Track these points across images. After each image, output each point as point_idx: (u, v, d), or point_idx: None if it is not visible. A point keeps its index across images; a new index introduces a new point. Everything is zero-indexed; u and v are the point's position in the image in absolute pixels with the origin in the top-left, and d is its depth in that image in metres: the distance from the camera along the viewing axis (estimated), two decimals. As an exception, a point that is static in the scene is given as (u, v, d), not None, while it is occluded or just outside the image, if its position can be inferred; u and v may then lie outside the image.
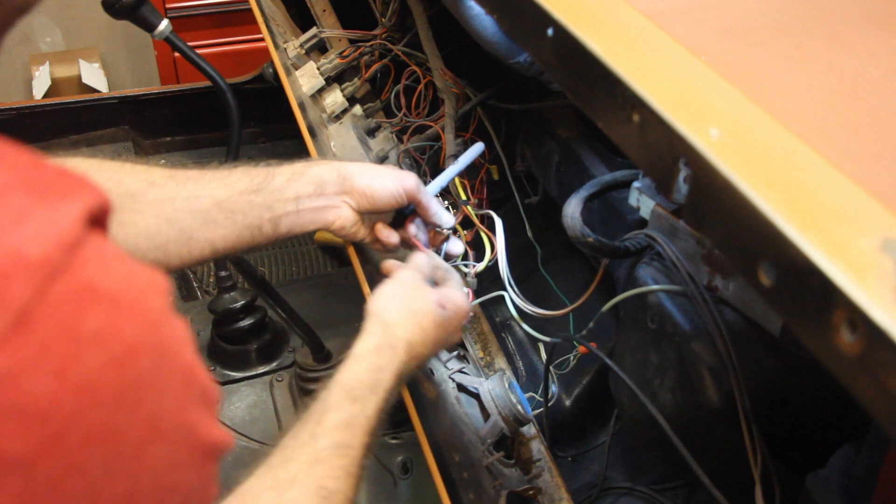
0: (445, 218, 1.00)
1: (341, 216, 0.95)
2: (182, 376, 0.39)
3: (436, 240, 1.04)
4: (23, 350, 0.31)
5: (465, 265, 1.11)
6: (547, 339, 1.05)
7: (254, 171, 0.92)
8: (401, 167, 1.27)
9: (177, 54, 2.36)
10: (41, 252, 0.32)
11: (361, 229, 0.98)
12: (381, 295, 0.85)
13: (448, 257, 1.03)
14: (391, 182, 0.95)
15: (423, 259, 0.92)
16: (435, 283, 0.92)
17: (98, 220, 0.36)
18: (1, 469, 0.32)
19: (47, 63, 2.87)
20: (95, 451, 0.34)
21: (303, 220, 0.93)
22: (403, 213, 1.00)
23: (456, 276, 0.95)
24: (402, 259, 0.98)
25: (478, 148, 1.12)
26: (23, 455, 0.32)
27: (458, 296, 0.90)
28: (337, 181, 0.94)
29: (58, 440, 0.33)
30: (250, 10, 1.62)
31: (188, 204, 0.88)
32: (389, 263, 0.96)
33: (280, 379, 1.57)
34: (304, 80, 1.41)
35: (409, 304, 0.84)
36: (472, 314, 0.95)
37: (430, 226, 1.01)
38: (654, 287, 0.79)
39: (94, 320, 0.34)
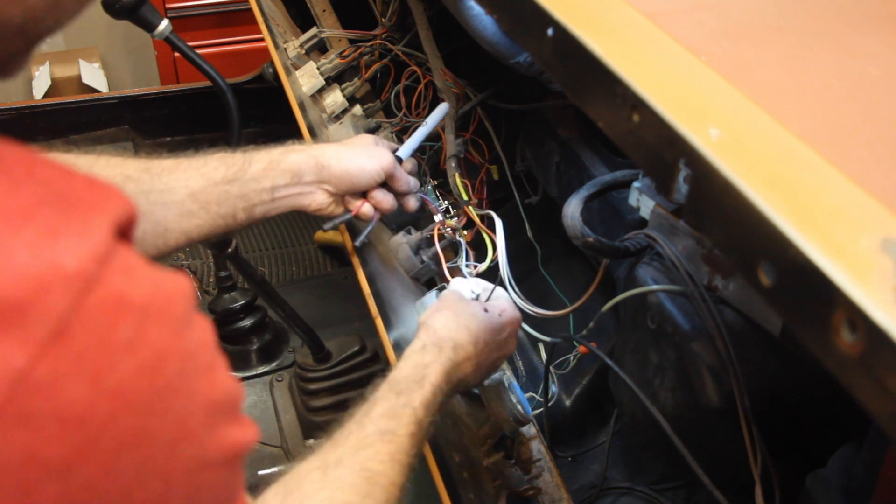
0: (413, 183, 1.06)
1: (316, 200, 0.98)
2: (207, 378, 0.40)
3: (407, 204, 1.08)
4: (61, 359, 0.33)
5: (466, 265, 1.11)
6: (547, 338, 1.05)
7: (230, 159, 0.93)
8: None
9: (177, 54, 2.36)
10: (76, 265, 0.34)
11: (339, 206, 1.02)
12: (428, 308, 0.91)
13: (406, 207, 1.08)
14: (369, 163, 0.99)
15: (463, 281, 0.98)
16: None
17: (125, 230, 0.38)
18: (40, 473, 0.33)
19: (47, 63, 2.87)
20: (129, 455, 0.35)
21: (278, 207, 0.96)
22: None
23: (499, 290, 0.99)
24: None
25: (443, 108, 1.16)
26: (60, 459, 0.33)
27: (502, 302, 0.95)
28: (314, 170, 0.96)
29: (93, 445, 0.34)
30: (250, 10, 1.62)
31: (163, 197, 0.89)
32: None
33: (280, 379, 1.57)
34: (304, 80, 1.41)
35: (455, 310, 0.88)
36: (520, 320, 0.98)
37: (400, 194, 1.06)
38: (654, 287, 0.79)
39: (125, 329, 0.35)
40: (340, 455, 0.72)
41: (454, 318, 0.87)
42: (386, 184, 1.03)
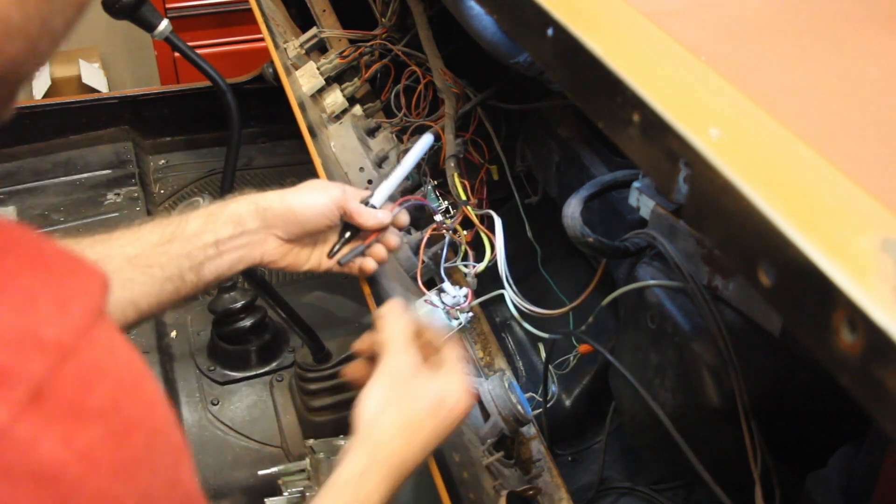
0: (381, 216, 0.95)
1: (268, 251, 0.90)
2: (172, 455, 0.43)
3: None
4: (37, 420, 0.35)
5: (465, 265, 1.12)
6: (546, 335, 1.05)
7: (165, 222, 0.87)
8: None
9: (177, 54, 2.36)
10: (55, 335, 0.36)
11: (301, 255, 0.94)
12: (370, 401, 0.76)
13: (397, 226, 1.00)
14: (317, 198, 0.90)
15: (405, 335, 0.81)
16: (424, 354, 0.82)
17: (103, 303, 0.40)
18: None
19: (47, 63, 2.87)
20: None
21: (227, 263, 0.88)
22: (350, 231, 0.96)
23: (452, 351, 0.83)
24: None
25: (426, 140, 1.08)
26: None
27: (457, 386, 0.79)
28: (256, 214, 0.89)
29: (66, 502, 0.36)
30: (250, 10, 1.63)
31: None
32: (356, 366, 0.88)
33: (280, 379, 1.57)
34: (304, 80, 1.41)
35: (404, 416, 0.76)
36: (474, 404, 0.84)
37: (367, 230, 0.96)
38: (653, 282, 0.79)
39: (97, 397, 0.37)
40: None
41: (403, 427, 0.75)
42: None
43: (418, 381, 0.78)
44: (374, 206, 0.97)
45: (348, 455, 0.74)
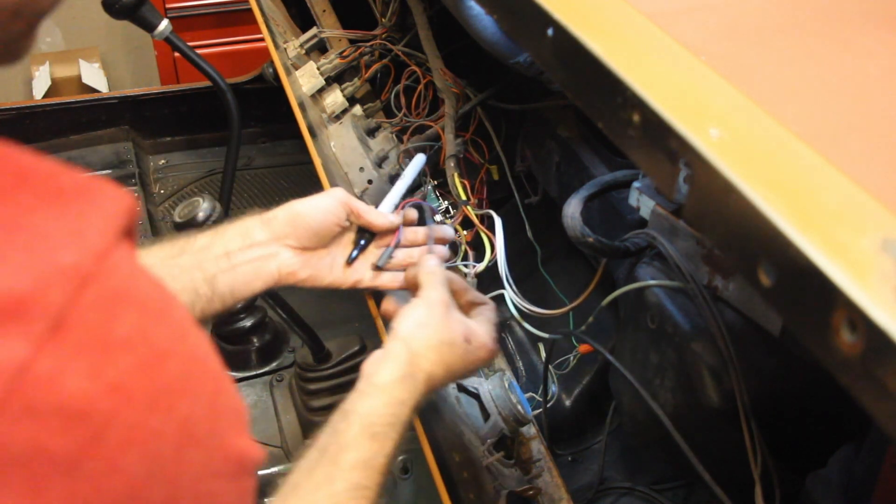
0: (389, 216, 0.96)
1: (283, 263, 0.89)
2: (212, 385, 0.40)
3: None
4: (60, 353, 0.33)
5: (465, 265, 1.11)
6: (546, 335, 1.05)
7: (172, 241, 0.87)
8: (401, 167, 1.27)
9: (177, 54, 2.36)
10: (73, 260, 0.34)
11: (321, 267, 0.93)
12: (410, 318, 0.81)
13: (443, 242, 1.01)
14: (321, 200, 0.90)
15: (455, 277, 0.88)
16: (461, 307, 0.88)
17: (127, 227, 0.38)
18: (47, 469, 0.33)
19: (47, 63, 2.87)
20: (134, 453, 0.35)
21: (242, 277, 0.87)
22: (365, 238, 0.96)
23: (487, 309, 0.90)
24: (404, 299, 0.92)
25: (419, 161, 1.08)
26: (66, 455, 0.33)
27: (485, 335, 0.86)
28: (262, 225, 0.89)
29: (98, 440, 0.34)
30: (250, 10, 1.62)
31: None
32: (392, 302, 0.91)
33: (280, 379, 1.57)
34: (304, 80, 1.41)
35: (439, 335, 0.81)
36: (496, 355, 0.90)
37: (377, 233, 0.96)
38: (653, 282, 0.79)
39: (123, 325, 0.35)
40: None
41: (437, 346, 0.80)
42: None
43: (453, 313, 0.84)
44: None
45: (385, 360, 0.78)
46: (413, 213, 1.02)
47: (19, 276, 0.33)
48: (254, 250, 0.88)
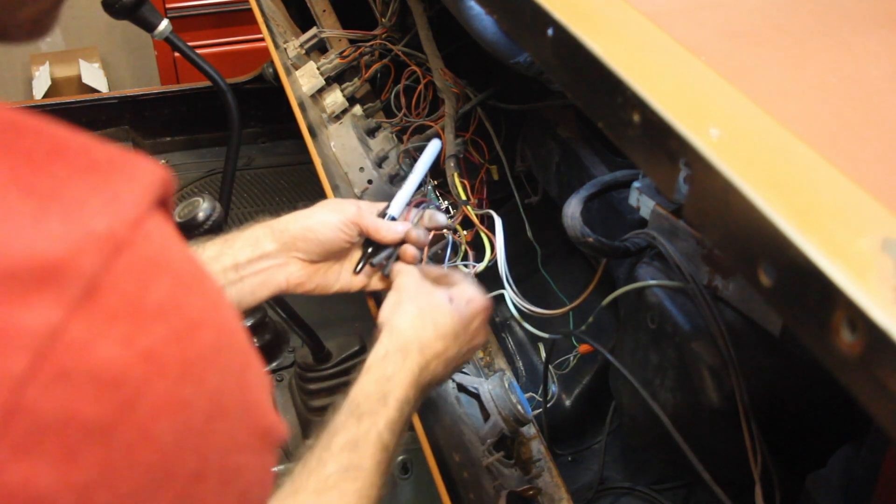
0: (398, 230, 0.94)
1: (292, 274, 0.89)
2: (241, 359, 0.40)
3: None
4: (93, 319, 0.33)
5: (465, 265, 1.12)
6: (546, 335, 1.05)
7: None
8: (401, 167, 1.28)
9: (177, 54, 2.36)
10: (107, 226, 0.34)
11: (328, 277, 0.93)
12: (386, 305, 0.84)
13: (435, 230, 0.99)
14: (331, 216, 0.90)
15: (431, 267, 0.90)
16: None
17: (162, 199, 0.37)
18: (81, 435, 0.33)
19: (47, 63, 2.87)
20: (165, 423, 0.35)
21: (249, 288, 0.87)
22: (373, 247, 0.95)
23: (460, 274, 0.92)
24: None
25: (435, 146, 1.04)
26: (100, 421, 0.33)
27: (468, 290, 0.87)
28: (272, 236, 0.88)
29: (130, 408, 0.34)
30: (250, 10, 1.63)
31: None
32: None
33: (280, 379, 1.57)
34: (304, 80, 1.41)
35: (417, 306, 0.82)
36: (491, 307, 0.90)
37: (385, 246, 0.95)
38: (653, 282, 0.79)
39: (156, 294, 0.35)
40: (302, 502, 0.67)
41: (418, 314, 0.81)
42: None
43: (425, 285, 0.86)
44: (392, 218, 0.96)
45: (370, 349, 0.80)
46: (440, 220, 1.01)
47: (53, 242, 0.32)
48: (262, 262, 0.88)
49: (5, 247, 0.32)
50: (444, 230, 1.12)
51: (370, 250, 0.95)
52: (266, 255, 0.88)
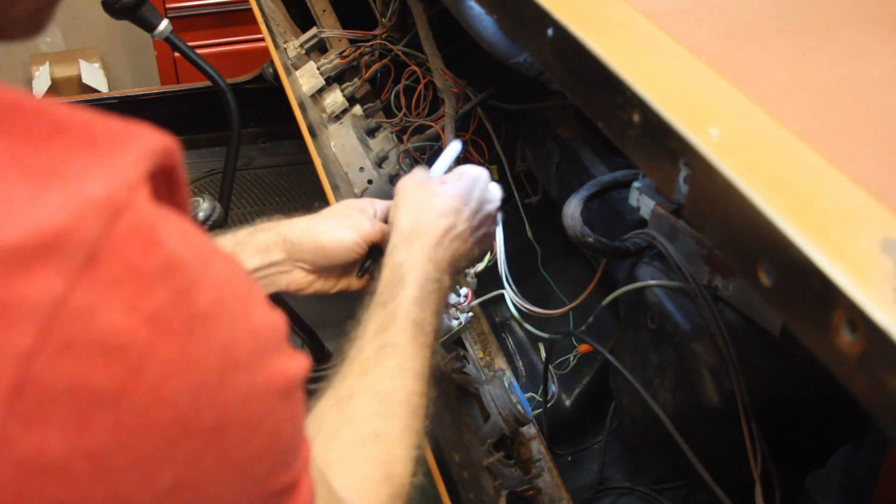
0: None
1: (294, 280, 0.91)
2: (245, 306, 0.40)
3: None
4: (96, 286, 0.33)
5: (465, 265, 1.11)
6: (546, 335, 1.05)
7: None
8: (401, 167, 1.28)
9: (177, 54, 2.36)
10: (104, 191, 0.34)
11: (328, 282, 0.94)
12: (391, 210, 0.87)
13: None
14: (345, 234, 0.89)
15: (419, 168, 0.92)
16: None
17: (163, 163, 0.38)
18: (91, 403, 0.33)
19: (47, 63, 2.87)
20: (177, 382, 0.35)
21: None
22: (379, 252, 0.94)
23: (460, 169, 0.92)
24: None
25: (454, 149, 1.00)
26: (109, 387, 0.33)
27: (460, 169, 0.89)
28: (283, 248, 0.89)
29: (139, 372, 0.34)
30: (250, 10, 1.63)
31: None
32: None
33: (280, 379, 1.56)
34: (304, 80, 1.41)
35: (412, 196, 0.85)
36: (485, 174, 0.92)
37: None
38: (653, 282, 0.79)
39: (158, 256, 0.35)
40: (350, 386, 0.71)
41: (414, 203, 0.84)
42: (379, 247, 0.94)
43: (429, 181, 0.88)
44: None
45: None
46: None
47: (53, 214, 0.32)
48: (269, 269, 0.89)
49: (5, 224, 0.32)
50: None
51: (373, 257, 0.95)
52: (273, 264, 0.90)
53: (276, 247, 0.89)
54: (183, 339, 0.35)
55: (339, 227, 0.90)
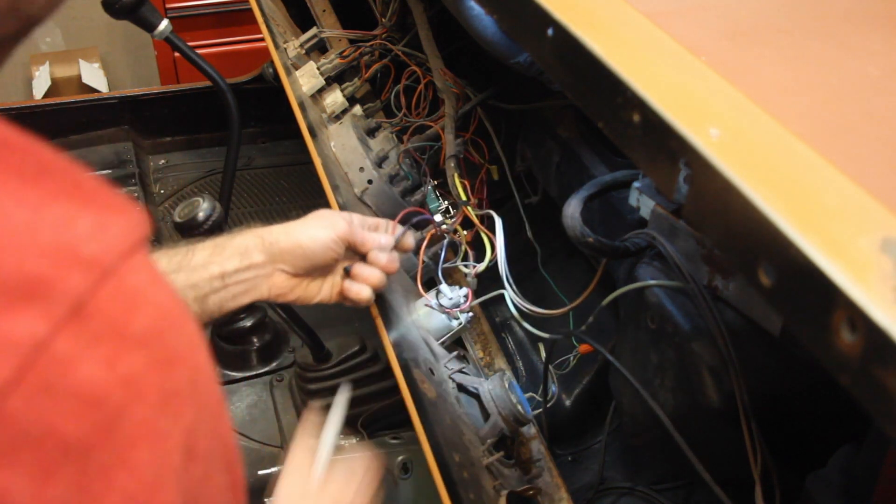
0: (384, 240, 0.95)
1: (275, 285, 0.90)
2: (215, 404, 0.41)
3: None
4: (78, 338, 0.33)
5: (465, 265, 1.12)
6: (546, 335, 1.05)
7: (171, 252, 0.87)
8: (401, 167, 1.28)
9: (177, 54, 2.36)
10: (96, 251, 0.34)
11: (310, 289, 0.94)
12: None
13: (402, 249, 1.00)
14: (322, 233, 0.90)
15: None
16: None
17: (145, 241, 0.38)
18: (59, 451, 0.33)
19: (47, 63, 2.87)
20: (143, 452, 0.35)
21: (232, 295, 0.88)
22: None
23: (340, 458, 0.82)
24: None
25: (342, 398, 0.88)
26: (79, 439, 0.33)
27: (352, 468, 0.80)
28: (262, 248, 0.89)
29: (109, 429, 0.34)
30: (250, 10, 1.62)
31: None
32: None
33: (280, 379, 1.57)
34: (304, 80, 1.41)
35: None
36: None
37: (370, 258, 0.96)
38: (653, 282, 0.79)
39: (140, 322, 0.35)
40: None
41: None
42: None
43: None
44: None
45: None
46: (409, 241, 1.02)
47: (43, 259, 0.33)
48: (249, 271, 0.89)
49: (3, 253, 0.32)
50: (444, 231, 1.12)
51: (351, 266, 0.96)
52: (253, 266, 0.89)
53: (256, 248, 0.89)
54: (154, 408, 0.35)
55: (315, 226, 0.91)
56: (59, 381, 0.32)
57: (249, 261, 0.89)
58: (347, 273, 0.97)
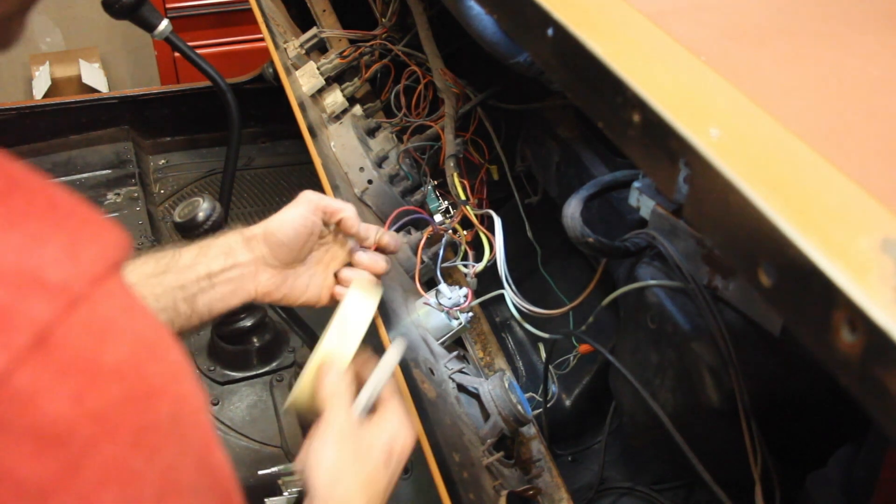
0: (348, 212, 0.92)
1: (261, 283, 0.90)
2: (202, 435, 0.38)
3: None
4: (42, 371, 0.31)
5: (465, 265, 1.12)
6: (546, 335, 1.05)
7: (159, 254, 0.87)
8: (401, 167, 1.28)
9: (177, 54, 2.36)
10: (62, 278, 0.32)
11: (296, 287, 0.92)
12: (323, 465, 0.73)
13: (384, 250, 0.96)
14: (293, 210, 0.89)
15: (344, 390, 0.81)
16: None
17: (121, 263, 0.36)
18: (13, 497, 0.31)
19: (47, 63, 2.87)
20: (112, 492, 0.33)
21: (220, 296, 0.87)
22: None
23: (395, 399, 0.81)
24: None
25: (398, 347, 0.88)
26: (38, 483, 0.31)
27: (400, 430, 0.78)
28: (244, 244, 0.89)
29: (73, 471, 0.32)
30: (250, 10, 1.63)
31: None
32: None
33: (280, 379, 1.57)
34: (304, 80, 1.41)
35: (361, 475, 0.74)
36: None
37: (358, 241, 0.94)
38: (653, 282, 0.79)
39: (114, 354, 0.33)
40: None
41: (361, 486, 0.73)
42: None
43: (364, 433, 0.77)
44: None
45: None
46: (387, 241, 0.98)
47: (2, 286, 0.31)
48: (235, 270, 0.89)
49: None
50: (443, 231, 1.12)
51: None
52: (238, 265, 0.89)
53: (239, 246, 0.89)
54: (126, 446, 0.33)
55: (287, 208, 0.90)
56: (16, 419, 0.30)
57: (234, 260, 0.88)
58: (337, 278, 0.96)
